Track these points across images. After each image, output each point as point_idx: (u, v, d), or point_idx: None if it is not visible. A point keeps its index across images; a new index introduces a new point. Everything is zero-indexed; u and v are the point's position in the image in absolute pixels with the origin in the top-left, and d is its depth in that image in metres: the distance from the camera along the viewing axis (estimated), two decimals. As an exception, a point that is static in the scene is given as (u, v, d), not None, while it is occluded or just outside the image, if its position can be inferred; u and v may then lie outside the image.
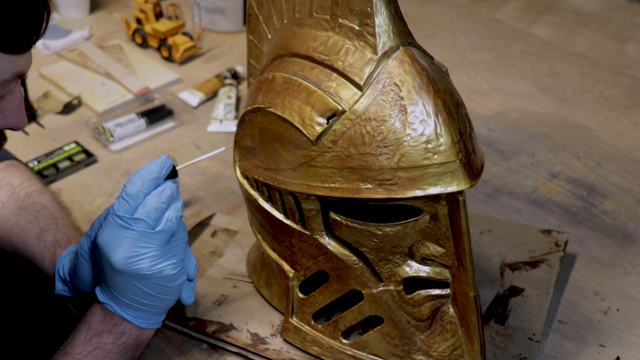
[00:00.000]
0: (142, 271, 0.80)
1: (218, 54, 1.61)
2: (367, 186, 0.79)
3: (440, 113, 0.77)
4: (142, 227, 0.79)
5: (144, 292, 0.82)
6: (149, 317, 0.84)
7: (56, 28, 1.65)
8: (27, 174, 1.04)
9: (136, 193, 0.80)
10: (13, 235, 0.96)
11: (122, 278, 0.80)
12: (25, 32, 0.68)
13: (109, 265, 0.80)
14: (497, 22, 1.76)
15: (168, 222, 0.80)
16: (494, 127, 1.40)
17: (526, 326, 0.97)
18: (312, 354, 0.93)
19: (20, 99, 0.76)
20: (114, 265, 0.79)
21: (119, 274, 0.80)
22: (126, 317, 0.83)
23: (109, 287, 0.82)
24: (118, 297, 0.82)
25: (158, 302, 0.83)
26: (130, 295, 0.82)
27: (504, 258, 1.07)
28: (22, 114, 0.77)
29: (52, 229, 0.96)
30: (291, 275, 0.91)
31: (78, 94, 1.44)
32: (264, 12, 0.92)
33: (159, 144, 1.34)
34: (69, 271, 0.91)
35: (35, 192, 1.01)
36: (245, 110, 0.88)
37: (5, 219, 0.97)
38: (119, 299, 0.82)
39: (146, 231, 0.79)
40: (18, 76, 0.73)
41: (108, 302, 0.83)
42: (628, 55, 1.63)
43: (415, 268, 0.84)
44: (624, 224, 1.18)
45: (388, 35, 0.78)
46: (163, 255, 0.81)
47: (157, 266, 0.80)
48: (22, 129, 0.78)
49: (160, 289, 0.82)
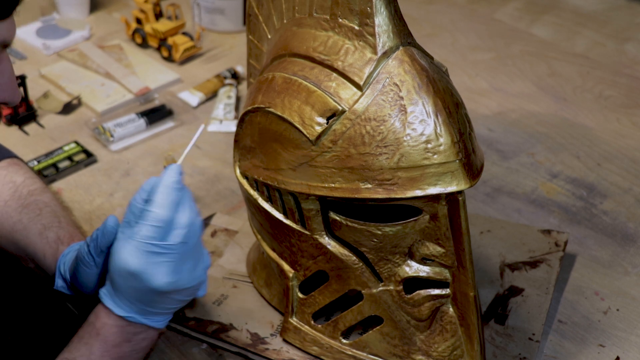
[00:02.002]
0: (184, 285, 0.79)
1: (218, 54, 1.61)
2: (367, 186, 0.79)
3: (440, 113, 0.77)
4: (180, 249, 0.77)
5: (178, 301, 0.81)
6: (169, 317, 0.84)
7: (56, 28, 1.65)
8: (29, 173, 1.04)
9: (168, 217, 0.77)
10: (15, 232, 0.96)
11: (160, 296, 0.79)
12: None
13: (147, 289, 0.78)
14: (497, 22, 1.76)
15: (198, 230, 0.79)
16: (494, 127, 1.40)
17: (526, 326, 0.97)
18: (312, 354, 0.93)
19: (10, 71, 0.73)
20: (156, 289, 0.78)
21: (157, 295, 0.79)
22: (151, 324, 0.82)
23: (137, 303, 0.80)
24: (149, 310, 0.81)
25: (185, 303, 0.83)
26: (165, 306, 0.81)
27: (504, 258, 1.07)
28: (14, 86, 0.74)
29: (54, 226, 0.96)
30: (291, 275, 0.91)
31: (78, 94, 1.44)
32: (264, 12, 0.92)
33: (159, 144, 1.34)
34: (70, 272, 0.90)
35: (38, 191, 1.01)
36: (245, 110, 0.88)
37: (7, 216, 0.97)
38: (148, 311, 0.81)
39: (185, 251, 0.78)
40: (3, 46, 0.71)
41: (131, 315, 0.81)
42: (628, 55, 1.63)
43: (415, 268, 0.84)
44: (624, 224, 1.18)
45: (388, 35, 0.78)
46: (196, 262, 0.80)
47: (194, 274, 0.80)
48: (16, 103, 0.75)
49: (193, 292, 0.81)
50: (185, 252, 0.78)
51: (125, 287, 0.79)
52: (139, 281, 0.78)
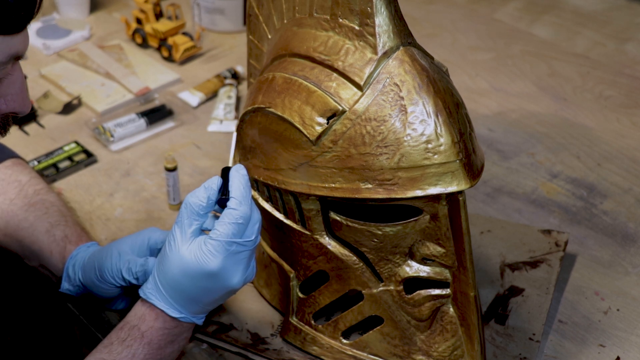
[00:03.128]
0: (251, 279, 0.80)
1: (218, 54, 1.61)
2: (367, 186, 0.79)
3: (440, 113, 0.77)
4: (253, 244, 0.79)
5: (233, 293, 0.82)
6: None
7: (56, 28, 1.65)
8: (33, 173, 1.04)
9: (248, 214, 0.78)
10: (21, 230, 0.96)
11: (229, 294, 0.80)
12: (15, 11, 0.66)
13: (222, 288, 0.79)
14: (497, 22, 1.76)
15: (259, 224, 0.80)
16: (494, 127, 1.40)
17: (526, 326, 0.97)
18: (312, 354, 0.93)
19: (22, 82, 0.74)
20: (233, 288, 0.79)
21: (228, 293, 0.80)
22: (197, 321, 0.83)
23: (197, 304, 0.80)
24: (206, 308, 0.81)
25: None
26: (220, 303, 0.82)
27: (504, 258, 1.07)
28: (25, 97, 0.75)
29: (61, 224, 0.96)
30: (291, 275, 0.91)
31: (78, 94, 1.44)
32: (264, 12, 0.92)
33: (159, 144, 1.34)
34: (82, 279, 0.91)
35: (43, 190, 1.01)
36: (245, 110, 0.88)
37: (13, 214, 0.97)
38: (204, 310, 0.82)
39: (255, 245, 0.79)
40: (15, 58, 0.71)
41: (184, 316, 0.81)
42: (628, 55, 1.63)
43: (416, 268, 0.84)
44: (624, 224, 1.18)
45: (388, 35, 0.78)
46: (253, 251, 0.81)
47: (253, 264, 0.81)
48: (26, 113, 0.76)
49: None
50: (255, 246, 0.79)
51: (193, 288, 0.79)
52: (215, 281, 0.78)
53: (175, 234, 0.79)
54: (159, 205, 1.19)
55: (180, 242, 0.79)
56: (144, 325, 0.81)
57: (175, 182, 1.16)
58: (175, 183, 1.16)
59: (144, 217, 1.17)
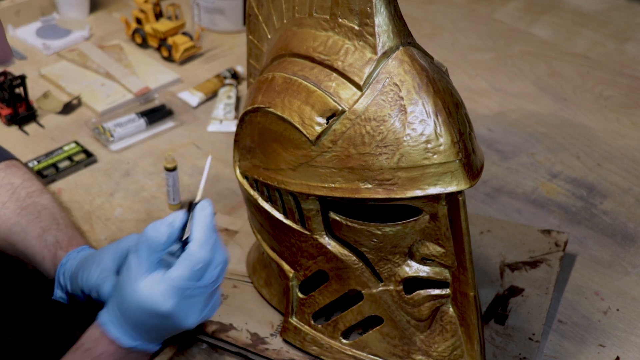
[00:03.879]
0: (208, 318, 0.80)
1: (218, 54, 1.61)
2: (367, 186, 0.79)
3: (440, 113, 0.77)
4: (213, 287, 0.77)
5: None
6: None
7: (56, 28, 1.65)
8: (28, 174, 1.03)
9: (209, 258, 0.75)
10: (13, 235, 0.96)
11: (182, 330, 0.79)
12: None
13: (174, 328, 0.77)
14: (497, 22, 1.76)
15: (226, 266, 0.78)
16: (494, 127, 1.40)
17: (526, 326, 0.97)
18: (312, 354, 0.93)
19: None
20: (186, 327, 0.77)
21: (181, 330, 0.79)
22: (153, 350, 0.81)
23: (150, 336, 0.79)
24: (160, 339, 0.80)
25: None
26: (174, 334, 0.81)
27: (504, 258, 1.07)
28: (5, 46, 0.71)
29: (53, 229, 0.96)
30: (291, 275, 0.91)
31: (78, 94, 1.44)
32: (263, 12, 0.92)
33: (159, 144, 1.34)
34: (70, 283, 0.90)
35: (36, 192, 1.00)
36: (245, 110, 0.88)
37: (5, 218, 0.97)
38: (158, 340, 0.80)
39: (216, 287, 0.77)
40: None
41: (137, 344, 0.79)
42: (628, 55, 1.63)
43: (415, 268, 0.84)
44: (624, 224, 1.18)
45: (388, 35, 0.78)
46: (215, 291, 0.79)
47: (216, 305, 0.80)
48: (8, 61, 0.73)
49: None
50: (215, 289, 0.77)
51: (145, 324, 0.77)
52: (167, 321, 0.76)
53: (131, 264, 0.76)
54: (159, 205, 1.20)
55: (136, 274, 0.75)
56: (97, 348, 0.79)
57: (175, 182, 1.16)
58: (175, 183, 1.16)
59: (144, 217, 1.17)
